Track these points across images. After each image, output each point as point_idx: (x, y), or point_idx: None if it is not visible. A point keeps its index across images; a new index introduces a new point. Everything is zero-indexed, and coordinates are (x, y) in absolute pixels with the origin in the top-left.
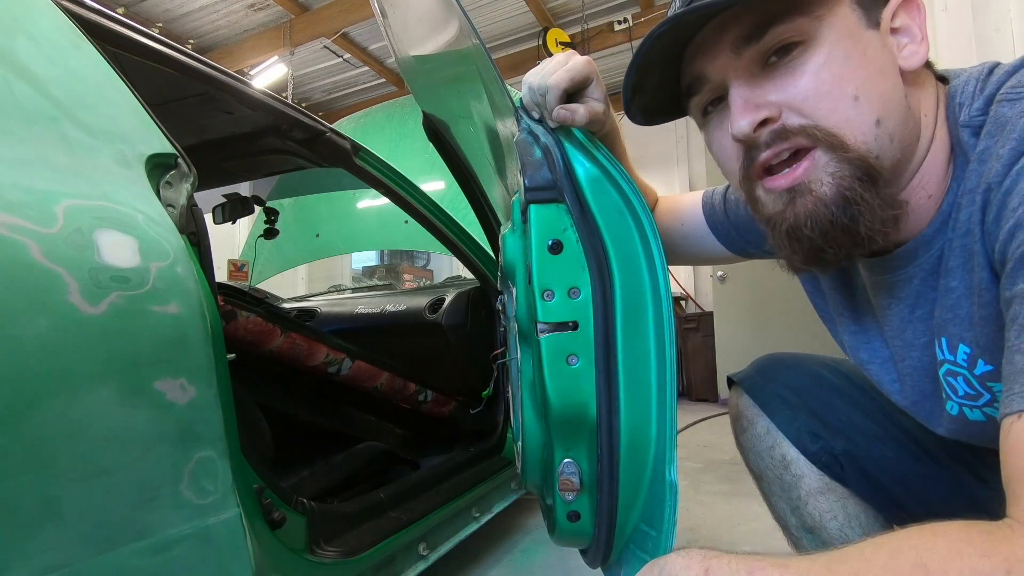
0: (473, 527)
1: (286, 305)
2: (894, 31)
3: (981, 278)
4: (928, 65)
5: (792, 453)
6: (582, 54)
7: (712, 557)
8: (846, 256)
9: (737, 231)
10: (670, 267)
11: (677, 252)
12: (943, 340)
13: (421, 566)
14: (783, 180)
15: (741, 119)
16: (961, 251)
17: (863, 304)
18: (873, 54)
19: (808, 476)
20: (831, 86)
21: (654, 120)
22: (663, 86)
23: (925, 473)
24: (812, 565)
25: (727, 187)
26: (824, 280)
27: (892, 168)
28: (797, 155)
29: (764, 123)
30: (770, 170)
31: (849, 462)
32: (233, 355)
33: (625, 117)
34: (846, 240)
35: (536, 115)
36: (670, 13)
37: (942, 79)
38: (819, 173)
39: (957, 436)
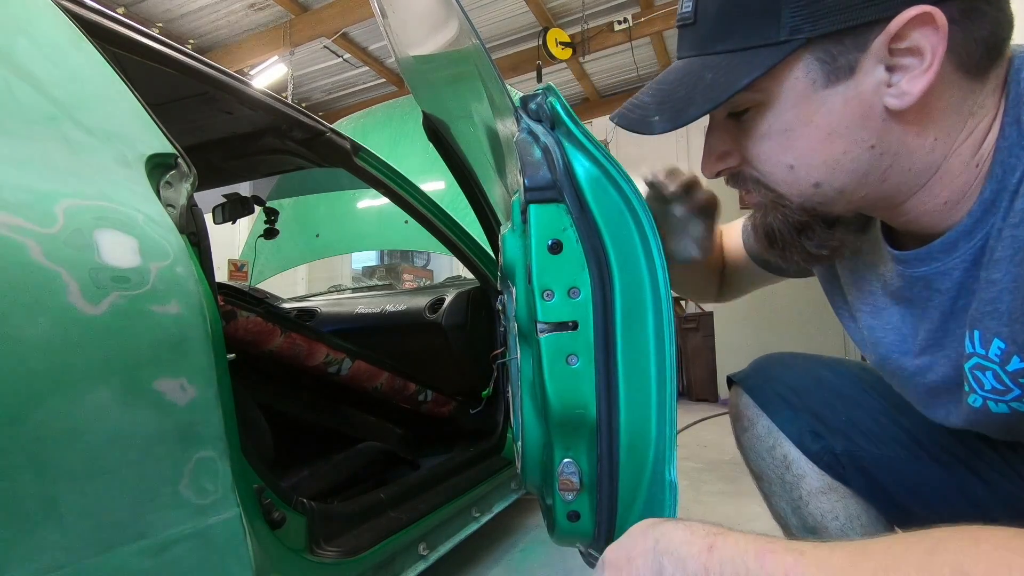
0: (473, 527)
1: (286, 305)
2: (895, 57)
3: None
4: (986, 52)
5: (793, 453)
6: (582, 54)
7: (717, 534)
8: (829, 239)
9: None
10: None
11: (739, 289)
12: (976, 333)
13: (421, 566)
14: (750, 198)
15: (704, 166)
16: (1012, 242)
17: (888, 294)
18: (824, 117)
19: (809, 476)
20: (768, 154)
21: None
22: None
23: (927, 473)
24: (831, 554)
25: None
26: (842, 270)
27: (848, 207)
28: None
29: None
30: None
31: (850, 462)
32: (233, 355)
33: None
34: (819, 227)
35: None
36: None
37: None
38: (769, 207)
39: (972, 426)
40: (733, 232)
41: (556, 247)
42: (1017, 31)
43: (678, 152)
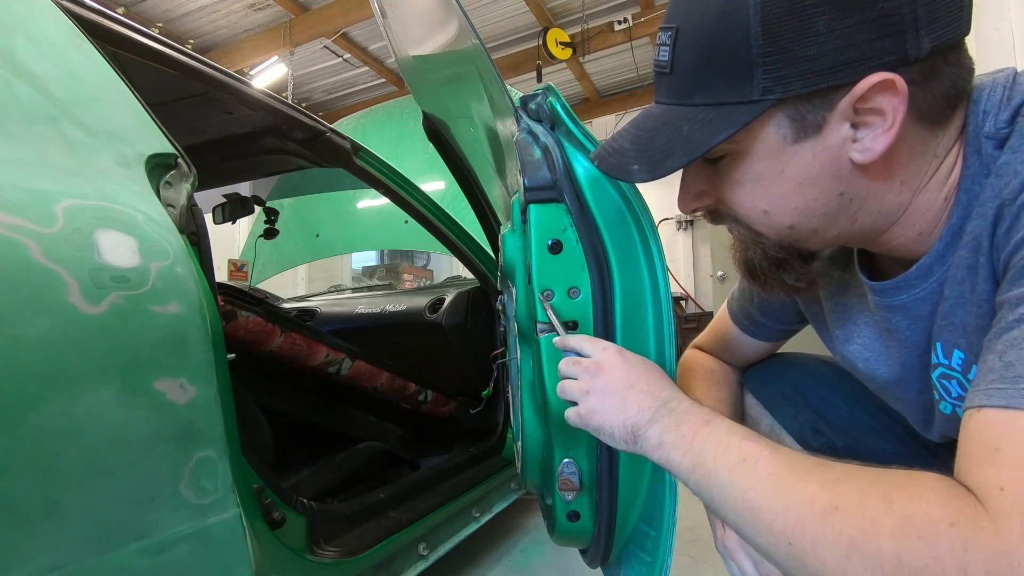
0: (473, 527)
1: (286, 305)
2: (859, 116)
3: (984, 288)
4: (946, 102)
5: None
6: (582, 54)
7: (716, 416)
8: (806, 273)
9: (773, 322)
10: (670, 267)
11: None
12: (938, 345)
13: (421, 566)
14: (731, 233)
15: (681, 203)
16: (966, 262)
17: (874, 320)
18: (795, 168)
19: None
20: (743, 199)
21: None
22: None
23: (925, 468)
24: (799, 458)
25: (740, 298)
26: (825, 302)
27: (821, 244)
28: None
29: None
30: None
31: (850, 457)
32: (233, 355)
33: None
34: (797, 262)
35: None
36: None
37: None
38: (749, 242)
39: (950, 434)
40: (730, 341)
41: (556, 247)
42: (1017, 31)
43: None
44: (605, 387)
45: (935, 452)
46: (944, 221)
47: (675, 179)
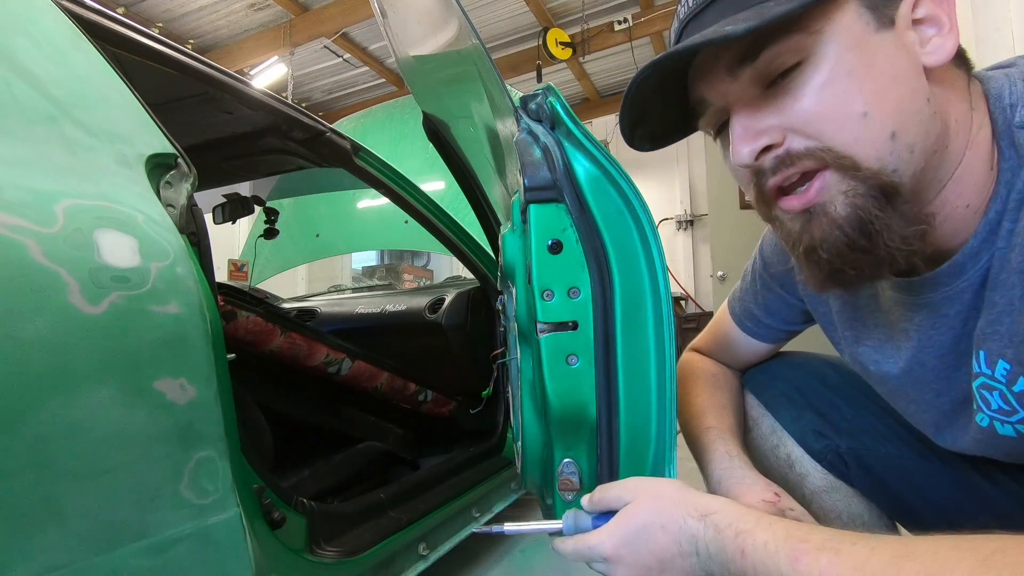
0: (473, 527)
1: (286, 305)
2: (917, 22)
3: None
4: (961, 60)
5: (797, 452)
6: (582, 54)
7: (744, 533)
8: (870, 277)
9: (776, 323)
10: (670, 267)
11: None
12: (981, 354)
13: (421, 566)
14: (796, 201)
15: (741, 149)
16: (1018, 267)
17: (888, 320)
18: (884, 60)
19: (813, 475)
20: (835, 105)
21: (664, 144)
22: (668, 108)
23: (931, 471)
24: (871, 555)
25: (742, 298)
26: (835, 306)
27: (913, 181)
28: (807, 176)
29: (767, 149)
30: (784, 190)
31: (854, 460)
32: (233, 355)
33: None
34: (868, 261)
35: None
36: (676, 20)
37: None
38: (832, 194)
39: (982, 451)
40: (731, 344)
41: (556, 247)
42: (1017, 31)
43: (678, 152)
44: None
45: (941, 454)
46: (983, 211)
47: (676, 179)
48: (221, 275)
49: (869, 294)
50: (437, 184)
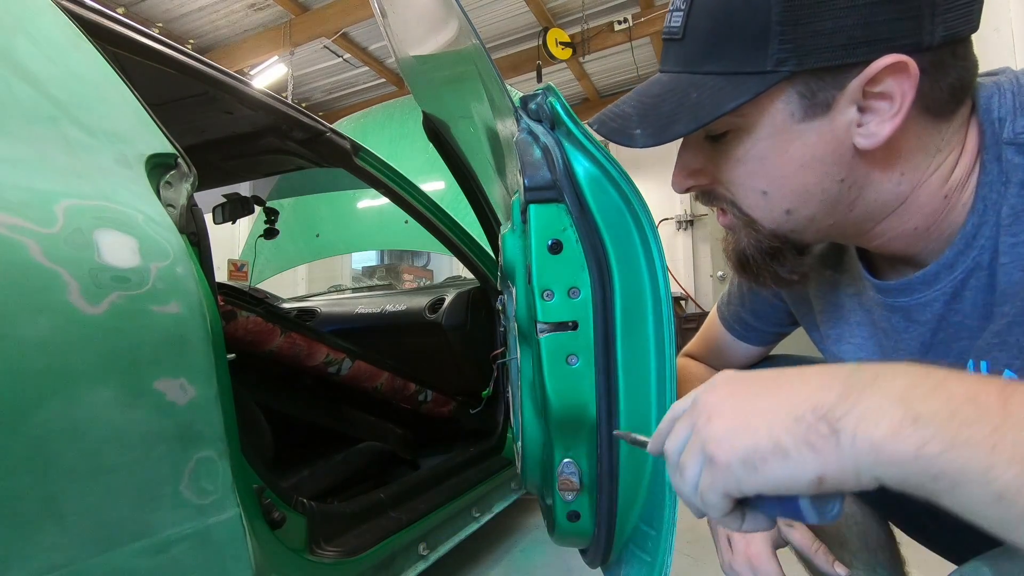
0: (473, 527)
1: (286, 305)
2: (867, 100)
3: None
4: (962, 96)
5: None
6: (582, 54)
7: (918, 399)
8: (799, 266)
9: (765, 326)
10: (670, 267)
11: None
12: (983, 364)
13: (421, 566)
14: (721, 219)
15: (676, 180)
16: (1010, 277)
17: (871, 319)
18: (799, 149)
19: None
20: (744, 178)
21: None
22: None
23: None
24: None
25: (730, 303)
26: (815, 299)
27: (819, 235)
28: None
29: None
30: None
31: None
32: (233, 355)
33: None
34: (791, 253)
35: None
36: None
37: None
38: (738, 231)
39: None
40: (718, 343)
41: (556, 247)
42: (1017, 31)
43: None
44: (721, 406)
45: None
46: (948, 226)
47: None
48: (221, 275)
49: (850, 294)
50: (437, 184)
